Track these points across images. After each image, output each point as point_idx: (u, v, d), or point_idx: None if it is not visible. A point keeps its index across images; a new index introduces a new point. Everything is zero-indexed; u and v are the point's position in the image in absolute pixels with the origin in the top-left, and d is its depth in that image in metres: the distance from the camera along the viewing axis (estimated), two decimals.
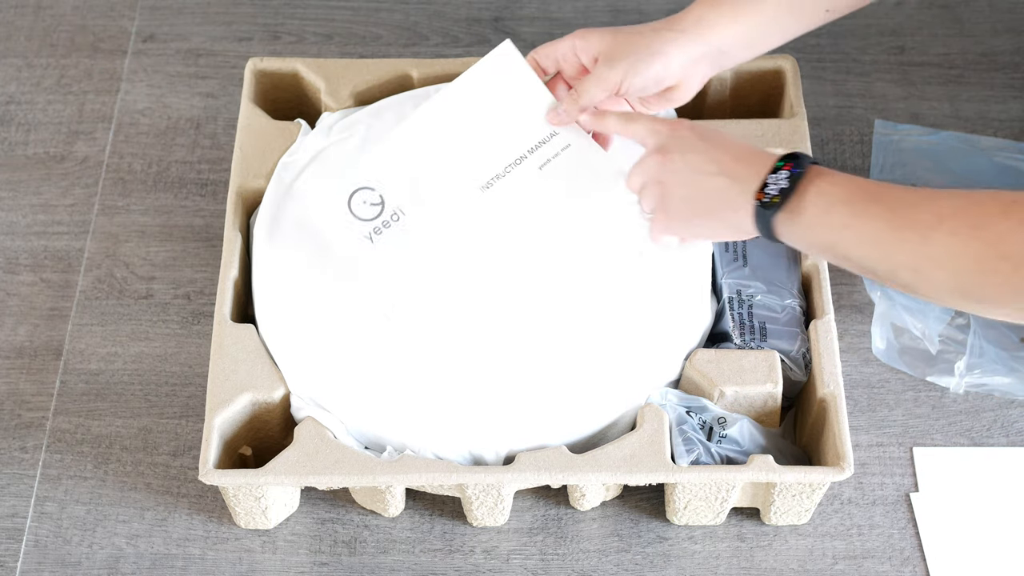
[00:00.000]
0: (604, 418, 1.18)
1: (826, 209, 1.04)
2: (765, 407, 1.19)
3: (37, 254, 1.38)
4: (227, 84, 1.49)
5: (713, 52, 1.18)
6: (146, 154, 1.45)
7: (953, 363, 1.27)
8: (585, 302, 1.20)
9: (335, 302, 1.21)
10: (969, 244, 0.98)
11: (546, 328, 1.19)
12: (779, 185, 1.06)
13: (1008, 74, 1.49)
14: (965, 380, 1.27)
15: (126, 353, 1.32)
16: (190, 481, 1.25)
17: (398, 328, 1.19)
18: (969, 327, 1.28)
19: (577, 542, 1.22)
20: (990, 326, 1.27)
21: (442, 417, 1.16)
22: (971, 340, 1.27)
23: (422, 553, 1.21)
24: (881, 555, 1.21)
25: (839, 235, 1.04)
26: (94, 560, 1.21)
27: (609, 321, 1.19)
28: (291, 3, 1.57)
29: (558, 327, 1.19)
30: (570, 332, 1.19)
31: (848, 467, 1.14)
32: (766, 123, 1.32)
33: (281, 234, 1.25)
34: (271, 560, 1.21)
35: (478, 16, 1.55)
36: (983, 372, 1.26)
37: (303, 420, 1.17)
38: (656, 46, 1.16)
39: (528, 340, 1.19)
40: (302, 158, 1.29)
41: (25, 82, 1.50)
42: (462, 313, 1.20)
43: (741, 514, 1.23)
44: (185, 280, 1.36)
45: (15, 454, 1.27)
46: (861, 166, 1.43)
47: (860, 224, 1.03)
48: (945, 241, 0.99)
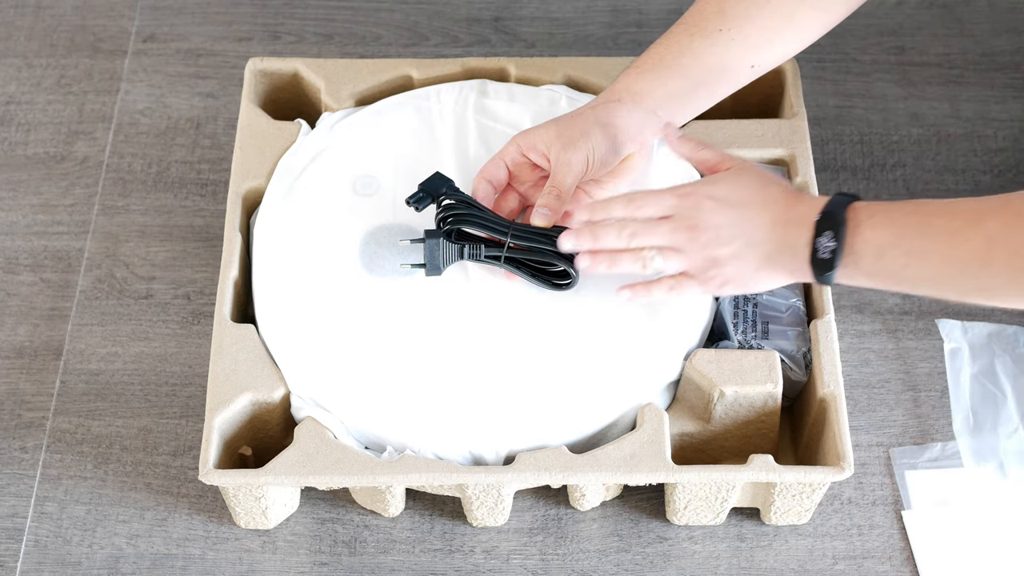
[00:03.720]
0: (604, 418, 1.18)
1: (878, 256, 1.06)
2: (765, 407, 1.19)
3: (37, 254, 1.38)
4: (227, 84, 1.49)
5: (651, 116, 1.20)
6: (146, 154, 1.45)
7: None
8: (585, 302, 1.20)
9: (335, 302, 1.21)
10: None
11: (546, 328, 1.19)
12: (828, 247, 1.07)
13: (1008, 74, 1.49)
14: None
15: (126, 353, 1.32)
16: (190, 481, 1.25)
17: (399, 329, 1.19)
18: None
19: (577, 542, 1.22)
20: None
21: (442, 417, 1.16)
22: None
23: (422, 553, 1.21)
24: (881, 555, 1.21)
25: (901, 275, 1.06)
26: (94, 560, 1.21)
27: (609, 321, 1.19)
28: (291, 3, 1.57)
29: (558, 327, 1.19)
30: (570, 332, 1.19)
31: (848, 467, 1.14)
32: (766, 123, 1.32)
33: (281, 234, 1.25)
34: (271, 560, 1.21)
35: (478, 16, 1.55)
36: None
37: (303, 420, 1.17)
38: (603, 118, 1.19)
39: (528, 340, 1.19)
40: (302, 158, 1.29)
41: (25, 82, 1.50)
42: (462, 313, 1.20)
43: (741, 514, 1.23)
44: (185, 280, 1.36)
45: (15, 454, 1.27)
46: (861, 165, 1.43)
47: (916, 263, 1.05)
48: (1005, 264, 1.01)
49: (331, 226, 1.25)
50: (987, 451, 1.25)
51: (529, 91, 1.33)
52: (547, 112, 1.30)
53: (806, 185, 1.28)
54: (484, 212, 1.20)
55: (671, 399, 1.21)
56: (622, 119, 1.19)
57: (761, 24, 1.20)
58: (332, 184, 1.27)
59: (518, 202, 1.23)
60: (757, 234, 1.10)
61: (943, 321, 1.32)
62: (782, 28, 1.20)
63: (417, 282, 1.22)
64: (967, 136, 1.45)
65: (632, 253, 1.14)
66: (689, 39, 1.20)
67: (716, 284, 1.13)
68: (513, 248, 1.19)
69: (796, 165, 1.29)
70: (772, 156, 1.31)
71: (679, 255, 1.13)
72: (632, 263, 1.14)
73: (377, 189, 1.27)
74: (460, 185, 1.23)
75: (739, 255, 1.11)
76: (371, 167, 1.28)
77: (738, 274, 1.12)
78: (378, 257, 1.23)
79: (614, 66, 1.32)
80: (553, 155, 1.19)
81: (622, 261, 1.14)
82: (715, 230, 1.11)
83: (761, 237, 1.10)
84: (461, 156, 1.28)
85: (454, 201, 1.20)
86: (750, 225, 1.11)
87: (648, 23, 1.54)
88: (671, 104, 1.21)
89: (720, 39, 1.19)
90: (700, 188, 1.14)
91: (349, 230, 1.24)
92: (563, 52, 1.52)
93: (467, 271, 1.22)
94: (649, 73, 1.21)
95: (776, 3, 1.20)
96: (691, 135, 1.22)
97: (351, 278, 1.22)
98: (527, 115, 1.30)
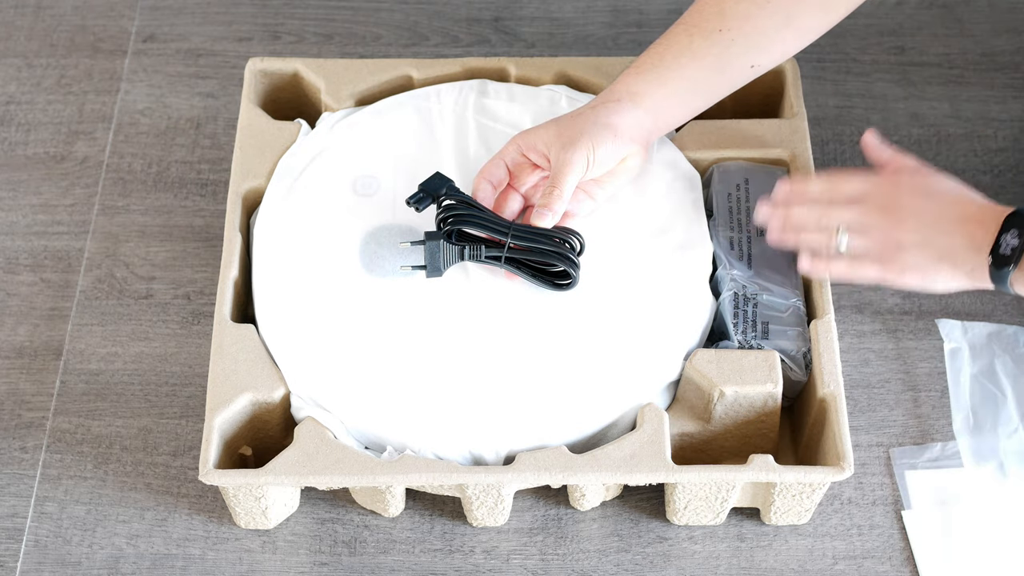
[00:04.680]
0: (604, 418, 1.18)
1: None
2: (765, 407, 1.19)
3: (37, 254, 1.38)
4: (227, 84, 1.49)
5: (651, 117, 1.21)
6: (146, 154, 1.45)
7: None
8: (585, 302, 1.20)
9: (335, 302, 1.21)
10: None
11: (546, 328, 1.19)
12: (1011, 244, 1.09)
13: (1008, 74, 1.49)
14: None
15: (126, 353, 1.32)
16: (190, 481, 1.25)
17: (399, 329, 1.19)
18: None
19: (577, 542, 1.22)
20: None
21: (442, 417, 1.16)
22: None
23: (422, 553, 1.21)
24: (881, 555, 1.21)
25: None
26: (94, 560, 1.21)
27: (609, 321, 1.19)
28: (291, 3, 1.57)
29: (558, 327, 1.19)
30: (570, 332, 1.19)
31: (848, 467, 1.14)
32: (766, 123, 1.32)
33: (281, 234, 1.25)
34: (271, 560, 1.21)
35: (478, 16, 1.55)
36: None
37: (303, 420, 1.17)
38: (603, 118, 1.19)
39: (528, 340, 1.19)
40: (302, 158, 1.29)
41: (25, 82, 1.50)
42: (462, 313, 1.20)
43: (741, 514, 1.23)
44: (185, 280, 1.36)
45: (15, 454, 1.27)
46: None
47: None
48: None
49: (331, 226, 1.25)
50: (987, 451, 1.25)
51: (529, 91, 1.33)
52: (547, 112, 1.30)
53: None
54: (484, 212, 1.20)
55: (671, 399, 1.21)
56: (622, 119, 1.19)
57: (760, 24, 1.20)
58: (332, 184, 1.27)
59: (518, 203, 1.23)
60: (944, 226, 1.12)
61: (943, 321, 1.32)
62: (782, 28, 1.20)
63: (417, 282, 1.22)
64: (967, 136, 1.45)
65: (821, 228, 1.16)
66: (688, 39, 1.20)
67: (897, 269, 1.14)
68: (514, 248, 1.19)
69: (796, 165, 1.29)
70: (772, 156, 1.30)
71: (866, 235, 1.14)
72: (819, 237, 1.16)
73: (377, 189, 1.27)
74: (460, 185, 1.23)
75: (923, 244, 1.12)
76: (371, 167, 1.28)
77: (918, 263, 1.13)
78: (378, 257, 1.23)
79: (614, 66, 1.32)
80: (553, 155, 1.19)
81: (811, 234, 1.17)
82: (905, 215, 1.13)
83: (947, 229, 1.12)
84: (461, 156, 1.28)
85: (454, 201, 1.20)
86: (939, 217, 1.12)
87: (648, 23, 1.54)
88: (670, 104, 1.21)
89: (719, 39, 1.20)
90: (898, 176, 1.16)
91: (349, 230, 1.25)
92: (563, 52, 1.52)
93: (467, 271, 1.22)
94: (648, 73, 1.21)
95: (776, 3, 1.20)
96: None
97: (351, 278, 1.22)
98: (527, 115, 1.30)
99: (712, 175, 1.30)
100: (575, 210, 1.22)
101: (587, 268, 1.21)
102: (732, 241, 1.25)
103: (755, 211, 1.22)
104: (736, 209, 1.27)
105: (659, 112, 1.21)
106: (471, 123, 1.30)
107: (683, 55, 1.20)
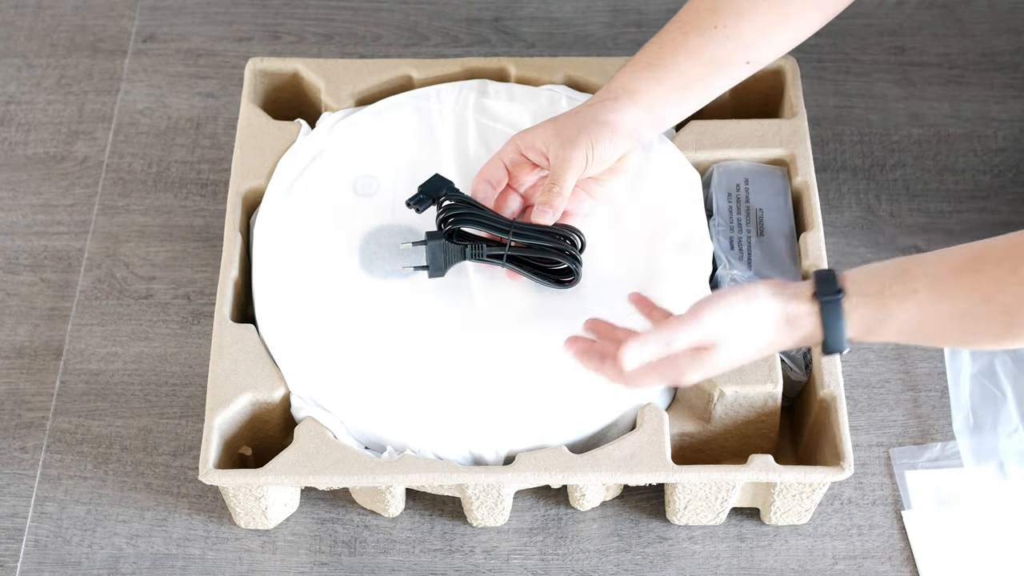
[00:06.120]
0: (604, 418, 1.18)
1: (871, 332, 1.03)
2: (765, 407, 1.19)
3: (37, 254, 1.38)
4: (227, 84, 1.49)
5: (648, 114, 1.21)
6: (146, 154, 1.45)
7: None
8: (585, 302, 1.20)
9: (335, 302, 1.21)
10: None
11: (546, 328, 1.19)
12: (826, 277, 1.04)
13: (1008, 74, 1.49)
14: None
15: (126, 353, 1.32)
16: (190, 481, 1.25)
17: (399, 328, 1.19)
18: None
19: (577, 542, 1.22)
20: None
21: (442, 417, 1.16)
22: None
23: (422, 553, 1.21)
24: (881, 555, 1.21)
25: (909, 339, 1.04)
26: (94, 560, 1.21)
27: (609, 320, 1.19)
28: (291, 3, 1.57)
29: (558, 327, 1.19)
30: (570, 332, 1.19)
31: (848, 467, 1.14)
32: (766, 123, 1.32)
33: (281, 234, 1.25)
34: (271, 560, 1.21)
35: (478, 16, 1.55)
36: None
37: (303, 420, 1.17)
38: (600, 116, 1.19)
39: (528, 340, 1.19)
40: (302, 158, 1.29)
41: (25, 82, 1.50)
42: (462, 312, 1.20)
43: (741, 514, 1.23)
44: (185, 280, 1.36)
45: (15, 454, 1.27)
46: (861, 165, 1.43)
47: (912, 336, 1.03)
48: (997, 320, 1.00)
49: (331, 226, 1.25)
50: (987, 451, 1.25)
51: (529, 91, 1.33)
52: (547, 112, 1.30)
53: (806, 185, 1.28)
54: (485, 212, 1.20)
55: (671, 399, 1.21)
56: (619, 116, 1.19)
57: (755, 20, 1.20)
58: (332, 184, 1.27)
59: (518, 202, 1.23)
60: (761, 345, 1.06)
61: None
62: (776, 24, 1.20)
63: (417, 282, 1.22)
64: (967, 136, 1.45)
65: None
66: (684, 37, 1.20)
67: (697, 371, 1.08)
68: (515, 247, 1.19)
69: (796, 165, 1.29)
70: (772, 156, 1.31)
71: None
72: None
73: (377, 189, 1.27)
74: (460, 185, 1.23)
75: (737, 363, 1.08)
76: (371, 167, 1.28)
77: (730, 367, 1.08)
78: (378, 258, 1.23)
79: (614, 66, 1.32)
80: (552, 153, 1.19)
81: None
82: (715, 367, 1.07)
83: (766, 344, 1.06)
84: (461, 156, 1.28)
85: (454, 202, 1.20)
86: (753, 348, 1.06)
87: (648, 23, 1.54)
88: (667, 101, 1.21)
89: (715, 36, 1.20)
90: (709, 357, 1.06)
91: (349, 230, 1.25)
92: (563, 52, 1.52)
93: (467, 271, 1.22)
94: (645, 71, 1.21)
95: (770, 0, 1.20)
96: None
97: (351, 278, 1.22)
98: (527, 115, 1.30)
99: (712, 175, 1.30)
100: (575, 209, 1.22)
101: (587, 268, 1.21)
102: (732, 241, 1.25)
103: None
104: (736, 209, 1.27)
105: (656, 109, 1.21)
106: (471, 123, 1.30)
107: (679, 52, 1.20)
